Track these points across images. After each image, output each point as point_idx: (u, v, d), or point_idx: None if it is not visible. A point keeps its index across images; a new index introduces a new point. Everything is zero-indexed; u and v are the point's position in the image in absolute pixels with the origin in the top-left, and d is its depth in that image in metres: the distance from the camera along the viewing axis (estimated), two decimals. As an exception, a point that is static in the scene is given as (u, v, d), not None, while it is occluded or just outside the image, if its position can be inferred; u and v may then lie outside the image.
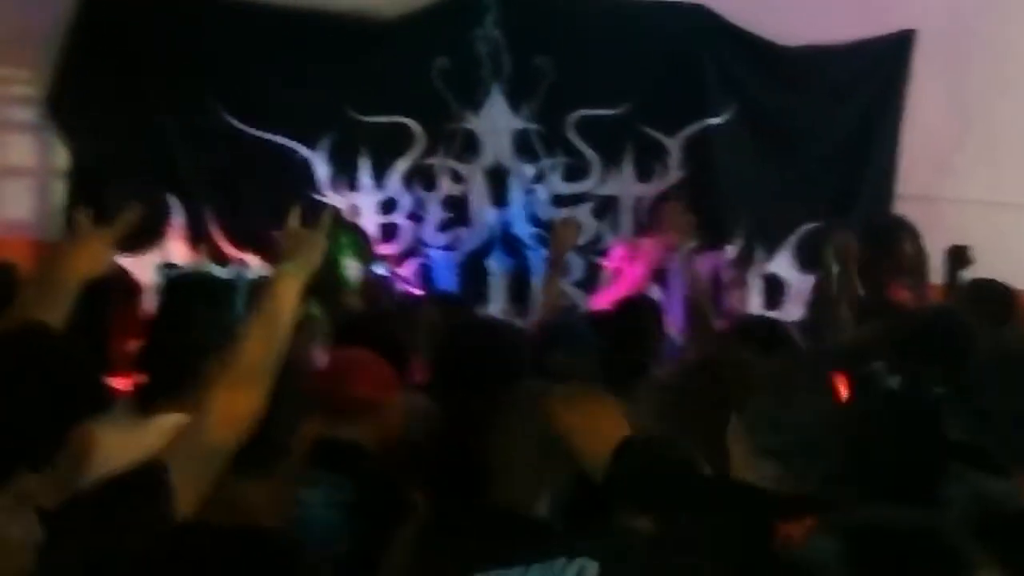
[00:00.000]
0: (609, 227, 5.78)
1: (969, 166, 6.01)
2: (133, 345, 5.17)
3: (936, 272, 4.82)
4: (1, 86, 5.38)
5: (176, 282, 4.67)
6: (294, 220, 2.53)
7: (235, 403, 2.16)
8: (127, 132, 5.23)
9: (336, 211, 2.77)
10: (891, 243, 4.85)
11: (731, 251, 5.81)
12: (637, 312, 4.29)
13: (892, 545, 1.55)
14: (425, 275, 5.65)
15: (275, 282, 2.34)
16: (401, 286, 5.28)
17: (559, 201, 5.72)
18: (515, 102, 5.61)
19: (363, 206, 5.52)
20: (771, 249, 5.92)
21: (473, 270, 5.69)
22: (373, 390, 2.87)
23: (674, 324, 4.67)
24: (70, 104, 5.23)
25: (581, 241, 5.68)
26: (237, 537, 1.98)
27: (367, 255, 5.07)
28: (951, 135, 6.00)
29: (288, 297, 2.33)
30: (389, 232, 5.59)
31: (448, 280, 5.66)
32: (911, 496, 2.17)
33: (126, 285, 5.22)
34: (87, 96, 5.22)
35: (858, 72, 5.98)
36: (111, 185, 5.02)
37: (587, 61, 5.57)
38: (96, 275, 2.74)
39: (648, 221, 5.70)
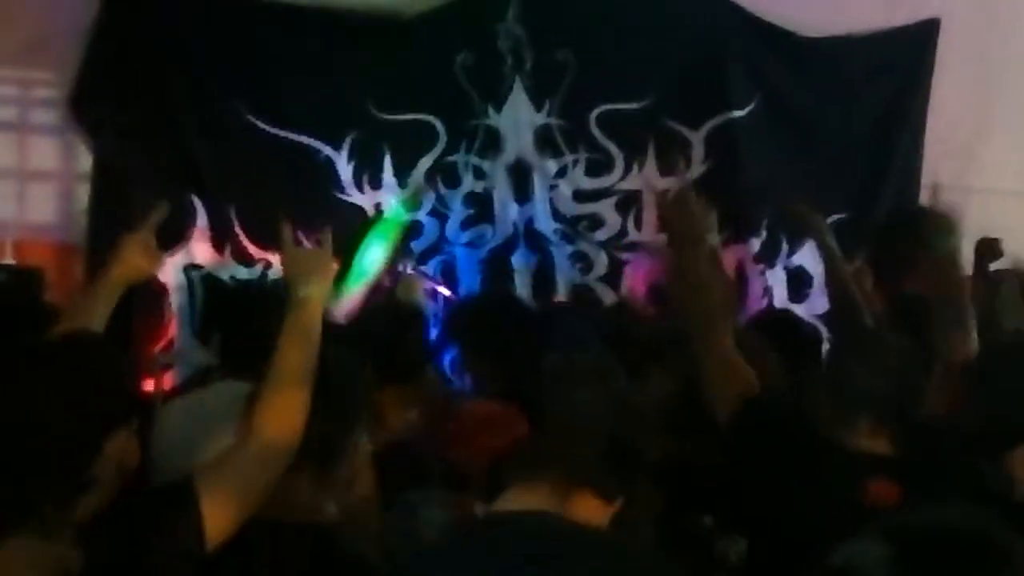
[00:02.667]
0: (633, 222, 5.74)
1: (996, 156, 5.96)
2: (159, 347, 5.21)
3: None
4: (23, 89, 5.37)
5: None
6: (288, 240, 2.70)
7: (285, 406, 2.23)
8: (150, 134, 5.20)
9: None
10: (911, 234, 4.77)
11: (755, 244, 5.79)
12: None
13: (942, 548, 1.53)
14: (448, 272, 5.64)
15: (300, 311, 2.47)
16: (429, 284, 5.26)
17: (582, 196, 5.69)
18: (537, 97, 5.58)
19: (386, 204, 5.50)
20: (796, 241, 5.88)
21: (497, 267, 5.66)
22: (503, 442, 3.02)
23: None
24: (92, 106, 5.21)
25: (604, 236, 5.69)
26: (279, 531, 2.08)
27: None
28: (977, 124, 5.95)
29: (315, 315, 2.49)
30: (412, 230, 5.57)
31: (472, 277, 5.64)
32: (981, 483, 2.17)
33: (152, 287, 5.23)
34: (109, 98, 5.19)
35: (882, 62, 5.92)
36: (135, 187, 5.02)
37: (609, 55, 5.53)
38: (145, 276, 2.91)
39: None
